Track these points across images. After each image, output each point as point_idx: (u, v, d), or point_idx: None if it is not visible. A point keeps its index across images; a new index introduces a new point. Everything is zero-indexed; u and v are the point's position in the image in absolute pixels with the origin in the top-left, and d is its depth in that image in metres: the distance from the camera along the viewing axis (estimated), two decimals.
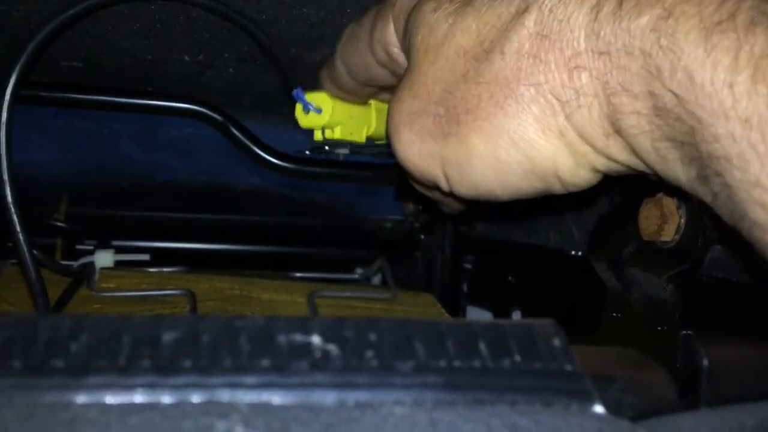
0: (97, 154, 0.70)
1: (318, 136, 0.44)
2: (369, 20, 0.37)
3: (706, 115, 0.23)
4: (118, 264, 0.54)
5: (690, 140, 0.24)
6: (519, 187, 0.30)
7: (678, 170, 0.26)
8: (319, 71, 0.43)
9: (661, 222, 0.39)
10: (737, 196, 0.23)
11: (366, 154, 0.58)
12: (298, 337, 0.17)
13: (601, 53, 0.25)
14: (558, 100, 0.27)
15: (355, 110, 0.44)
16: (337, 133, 0.43)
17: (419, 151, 0.32)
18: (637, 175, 0.30)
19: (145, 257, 0.54)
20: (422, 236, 0.75)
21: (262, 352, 0.17)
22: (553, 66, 0.27)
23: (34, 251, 0.43)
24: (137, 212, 0.71)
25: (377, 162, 0.59)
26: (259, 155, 0.53)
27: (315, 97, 0.42)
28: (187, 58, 0.52)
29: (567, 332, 0.19)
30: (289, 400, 0.16)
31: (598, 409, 0.18)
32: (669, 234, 0.39)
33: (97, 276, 0.51)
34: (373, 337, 0.18)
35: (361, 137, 0.45)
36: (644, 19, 0.24)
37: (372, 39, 0.37)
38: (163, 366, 0.16)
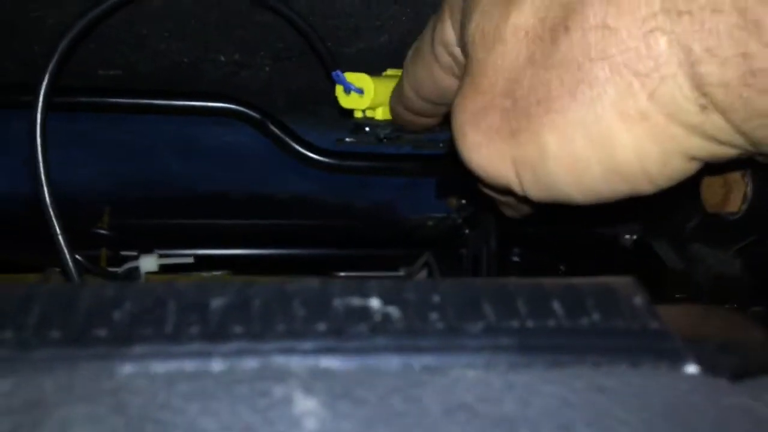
0: (138, 167, 0.71)
1: (359, 114, 0.43)
2: (429, 30, 0.34)
3: None
4: (163, 268, 0.53)
5: None
6: (599, 190, 0.26)
7: (762, 146, 0.22)
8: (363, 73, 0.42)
9: (726, 191, 0.37)
10: None
11: (406, 143, 0.57)
12: (356, 301, 0.16)
13: (680, 12, 0.22)
14: (636, 75, 0.23)
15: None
16: (378, 114, 0.42)
17: (488, 153, 0.28)
18: (745, 159, 0.25)
19: (189, 259, 0.53)
20: (467, 231, 0.73)
21: (318, 317, 0.15)
22: (625, 34, 0.23)
23: (77, 257, 0.43)
24: (179, 220, 0.71)
25: (417, 153, 0.58)
26: (299, 151, 0.52)
27: (356, 78, 0.41)
28: (222, 57, 0.52)
29: None
30: (349, 365, 0.15)
31: (691, 369, 0.16)
32: (735, 204, 0.37)
33: (142, 280, 0.51)
34: (436, 298, 0.16)
35: None
36: None
37: (433, 44, 0.33)
38: (212, 332, 0.14)
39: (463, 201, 0.70)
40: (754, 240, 0.37)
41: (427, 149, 0.57)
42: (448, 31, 0.32)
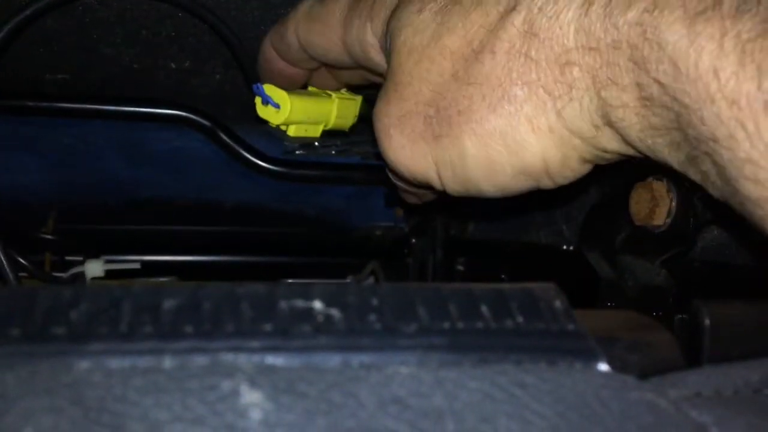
0: (84, 171, 0.70)
1: (273, 124, 0.44)
2: (339, 9, 0.36)
3: (691, 101, 0.23)
4: (109, 274, 0.53)
5: (676, 126, 0.25)
6: (508, 185, 0.31)
7: (667, 154, 0.26)
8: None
9: (652, 205, 0.39)
10: (728, 173, 0.23)
11: (354, 155, 0.58)
12: (300, 303, 0.17)
13: (591, 49, 0.26)
14: (550, 95, 0.27)
15: (313, 107, 0.44)
16: (291, 131, 0.44)
17: (411, 153, 0.32)
18: (627, 160, 0.30)
19: (136, 266, 0.53)
20: (413, 240, 0.75)
21: (265, 317, 0.17)
22: (544, 63, 0.27)
23: (19, 258, 0.43)
24: (126, 226, 0.70)
25: (366, 163, 0.59)
26: (248, 159, 0.53)
27: (275, 93, 0.42)
28: (173, 65, 0.52)
29: None
30: (293, 362, 0.16)
31: (603, 366, 0.18)
32: (660, 217, 0.39)
33: None
34: (375, 301, 0.18)
35: (316, 133, 0.46)
36: (631, 14, 0.24)
37: (347, 34, 0.36)
38: (165, 332, 0.16)
39: (411, 210, 0.72)
40: (678, 252, 0.40)
41: (376, 160, 0.58)
42: (369, 34, 0.35)
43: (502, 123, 0.28)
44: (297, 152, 0.51)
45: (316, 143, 0.47)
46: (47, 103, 0.50)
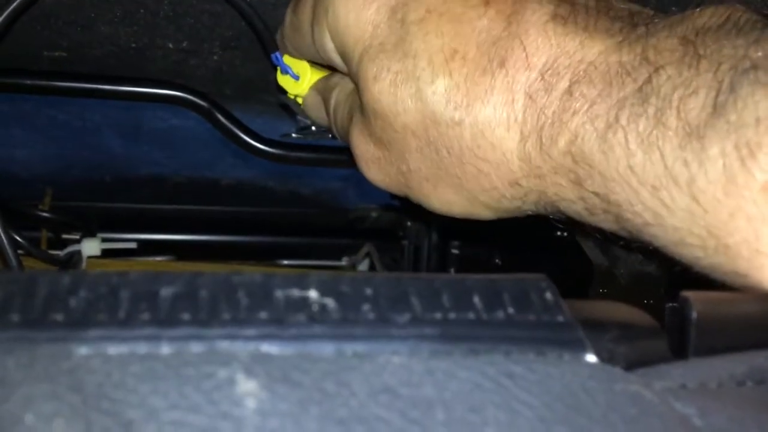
0: (81, 148, 0.70)
1: (291, 95, 0.44)
2: (306, 16, 0.37)
3: (622, 199, 0.27)
4: (105, 253, 0.53)
5: (618, 220, 0.28)
6: (463, 217, 0.35)
7: (623, 237, 0.30)
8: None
9: None
10: (671, 251, 0.27)
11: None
12: (295, 292, 0.17)
13: (536, 176, 0.30)
14: (503, 197, 0.31)
15: None
16: None
17: (386, 182, 0.36)
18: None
19: (132, 245, 0.54)
20: (409, 223, 0.75)
21: (260, 306, 0.17)
22: (494, 178, 0.31)
23: (17, 237, 0.43)
24: (122, 204, 0.70)
25: None
26: (246, 141, 0.53)
27: (294, 63, 0.42)
28: (171, 45, 0.52)
29: None
30: (287, 350, 0.16)
31: (590, 358, 0.18)
32: None
33: (84, 265, 0.51)
34: (369, 291, 0.18)
35: None
36: (561, 144, 0.28)
37: (314, 40, 0.37)
38: (162, 319, 0.16)
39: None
40: None
41: None
42: (330, 49, 0.36)
43: (463, 201, 0.33)
44: (293, 135, 0.50)
45: (313, 128, 0.47)
46: (45, 82, 0.50)
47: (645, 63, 0.26)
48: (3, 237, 0.42)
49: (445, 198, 0.33)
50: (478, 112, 0.30)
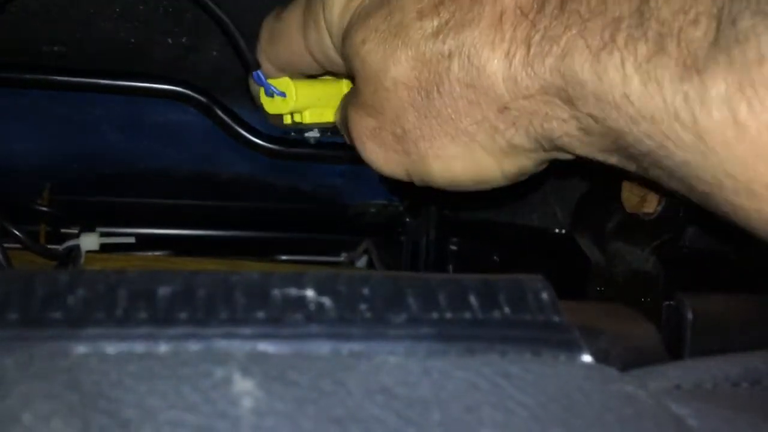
0: (80, 142, 0.70)
1: (288, 120, 0.43)
2: (296, 21, 0.37)
3: (620, 126, 0.26)
4: (104, 248, 0.53)
5: (617, 147, 0.27)
6: (468, 189, 0.35)
7: (620, 165, 0.29)
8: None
9: (644, 193, 0.40)
10: (678, 174, 0.26)
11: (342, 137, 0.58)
12: (293, 291, 0.17)
13: (524, 96, 0.29)
14: (496, 130, 0.30)
15: (321, 90, 0.42)
16: (306, 118, 0.42)
17: (384, 160, 0.35)
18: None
19: (131, 240, 0.54)
20: (407, 219, 0.75)
21: (258, 305, 0.17)
22: (484, 107, 0.30)
23: (14, 230, 0.43)
24: (121, 198, 0.70)
25: None
26: (245, 136, 0.53)
27: (277, 82, 0.41)
28: (170, 40, 0.52)
29: None
30: (284, 349, 0.16)
31: (586, 358, 0.18)
32: (651, 205, 0.40)
33: (82, 259, 0.51)
34: (366, 291, 0.18)
35: (331, 117, 0.43)
36: (550, 61, 0.27)
37: (308, 44, 0.37)
38: (159, 318, 0.16)
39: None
40: (668, 239, 0.41)
41: None
42: (328, 45, 0.36)
43: (461, 150, 0.32)
44: (293, 133, 0.50)
45: (293, 133, 0.46)
46: (44, 76, 0.50)
47: None
48: None
49: (444, 154, 0.32)
50: (466, 38, 0.29)
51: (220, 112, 0.53)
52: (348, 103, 0.36)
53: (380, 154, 0.35)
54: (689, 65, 0.23)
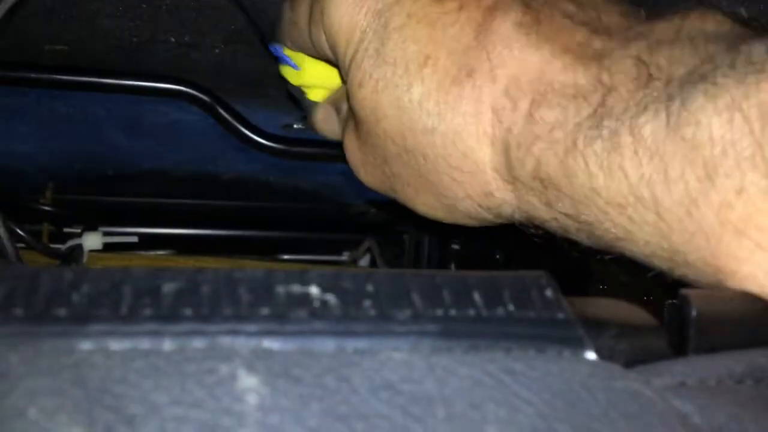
0: (82, 142, 0.70)
1: (294, 83, 0.43)
2: (303, 15, 0.38)
3: (592, 218, 0.27)
4: (107, 247, 0.53)
5: (593, 239, 0.29)
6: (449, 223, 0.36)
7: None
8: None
9: None
10: (644, 262, 0.28)
11: None
12: (297, 288, 0.17)
13: (509, 190, 0.30)
14: (480, 206, 0.32)
15: (332, 72, 0.43)
16: (312, 95, 0.43)
17: (373, 184, 0.37)
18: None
19: (134, 239, 0.54)
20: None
21: (262, 302, 0.17)
22: (468, 187, 0.31)
23: (17, 229, 0.43)
24: (124, 198, 0.70)
25: None
26: (247, 135, 0.53)
27: (294, 56, 0.42)
28: (172, 39, 0.52)
29: None
30: (288, 346, 0.16)
31: (590, 355, 0.18)
32: None
33: (85, 258, 0.51)
34: (370, 288, 0.18)
35: None
36: (528, 168, 0.29)
37: (311, 39, 0.38)
38: (164, 314, 0.16)
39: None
40: None
41: None
42: (324, 42, 0.37)
43: (443, 207, 0.33)
44: (295, 126, 0.51)
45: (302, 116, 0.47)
46: (46, 75, 0.50)
47: (599, 85, 0.27)
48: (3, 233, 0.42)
49: (428, 203, 0.34)
50: (450, 121, 0.30)
51: (223, 111, 0.54)
52: (347, 124, 0.38)
53: (372, 181, 0.37)
54: (646, 149, 0.25)
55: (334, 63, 0.38)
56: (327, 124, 0.43)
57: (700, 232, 0.24)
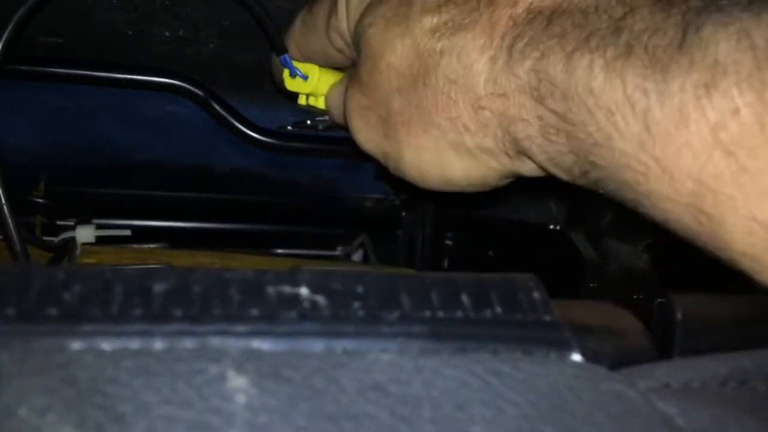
0: (76, 134, 0.69)
1: (302, 100, 0.45)
2: (324, 11, 0.40)
3: (577, 119, 0.28)
4: (100, 240, 0.53)
5: (568, 149, 0.29)
6: (437, 188, 0.36)
7: (570, 177, 0.31)
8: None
9: None
10: (611, 175, 0.28)
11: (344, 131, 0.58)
12: (287, 289, 0.18)
13: (499, 95, 0.31)
14: (467, 130, 0.32)
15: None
16: (320, 103, 0.44)
17: (366, 138, 0.37)
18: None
19: (127, 232, 0.54)
20: (403, 214, 0.75)
21: (252, 302, 0.17)
22: (461, 105, 0.32)
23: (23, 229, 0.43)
24: (117, 190, 0.70)
25: None
26: (241, 130, 0.53)
27: (302, 65, 0.43)
28: (167, 33, 0.52)
29: None
30: (278, 347, 0.16)
31: (576, 357, 0.19)
32: None
33: (78, 251, 0.51)
34: (359, 289, 0.18)
35: None
36: (528, 63, 0.29)
37: (329, 28, 0.40)
38: (154, 314, 0.16)
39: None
40: (662, 237, 0.41)
41: None
42: (343, 24, 0.39)
43: (432, 144, 0.34)
44: (289, 127, 0.51)
45: (308, 122, 0.48)
46: (40, 68, 0.50)
47: (621, 4, 0.28)
48: (11, 223, 0.42)
49: (416, 143, 0.34)
50: (459, 40, 0.32)
51: (216, 105, 0.54)
52: (348, 77, 0.39)
53: (364, 132, 0.37)
54: (654, 64, 0.26)
55: (342, 51, 0.40)
56: (336, 102, 0.43)
57: (687, 148, 0.25)
